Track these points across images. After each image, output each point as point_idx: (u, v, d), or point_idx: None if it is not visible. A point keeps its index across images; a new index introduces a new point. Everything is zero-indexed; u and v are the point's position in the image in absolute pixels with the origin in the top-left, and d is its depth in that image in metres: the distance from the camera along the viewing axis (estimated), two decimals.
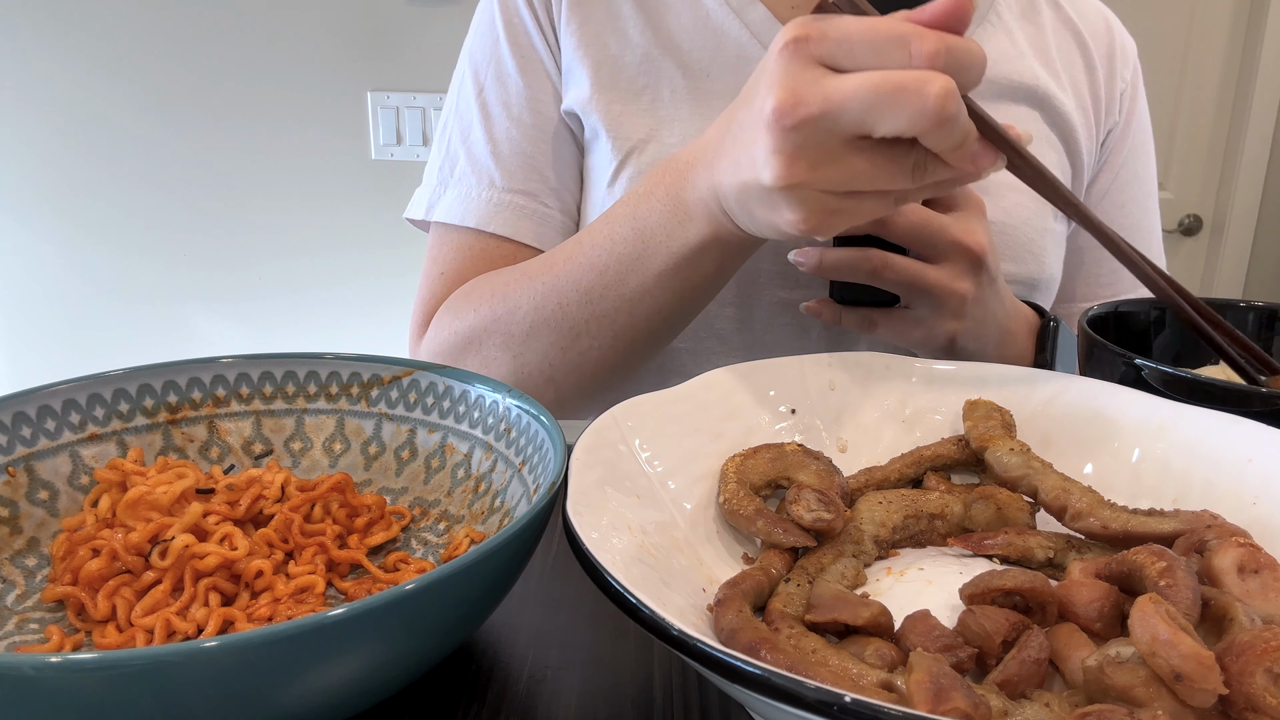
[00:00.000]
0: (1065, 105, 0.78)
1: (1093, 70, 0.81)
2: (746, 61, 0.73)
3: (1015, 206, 0.75)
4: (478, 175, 0.77)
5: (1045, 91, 0.77)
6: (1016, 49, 0.78)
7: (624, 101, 0.74)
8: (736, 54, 0.74)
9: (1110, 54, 0.83)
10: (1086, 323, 0.58)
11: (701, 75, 0.74)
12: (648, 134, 0.73)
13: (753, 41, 0.74)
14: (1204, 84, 2.09)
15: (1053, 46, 0.80)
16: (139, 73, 1.91)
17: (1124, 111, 0.83)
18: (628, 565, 0.33)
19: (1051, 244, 0.78)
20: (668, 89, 0.74)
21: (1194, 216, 2.21)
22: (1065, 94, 0.79)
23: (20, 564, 0.43)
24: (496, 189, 0.76)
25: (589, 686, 0.38)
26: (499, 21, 0.78)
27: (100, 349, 2.11)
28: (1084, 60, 0.81)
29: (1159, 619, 0.28)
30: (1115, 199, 0.85)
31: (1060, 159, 0.79)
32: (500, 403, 0.48)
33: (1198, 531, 0.37)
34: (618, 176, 0.74)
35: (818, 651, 0.32)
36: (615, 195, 0.73)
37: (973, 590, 0.35)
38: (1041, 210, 0.76)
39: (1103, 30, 0.83)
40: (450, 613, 0.33)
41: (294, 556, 0.44)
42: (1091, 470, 0.45)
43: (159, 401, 0.50)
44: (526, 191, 0.76)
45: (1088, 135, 0.80)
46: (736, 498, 0.41)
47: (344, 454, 0.52)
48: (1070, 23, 0.82)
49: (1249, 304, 0.63)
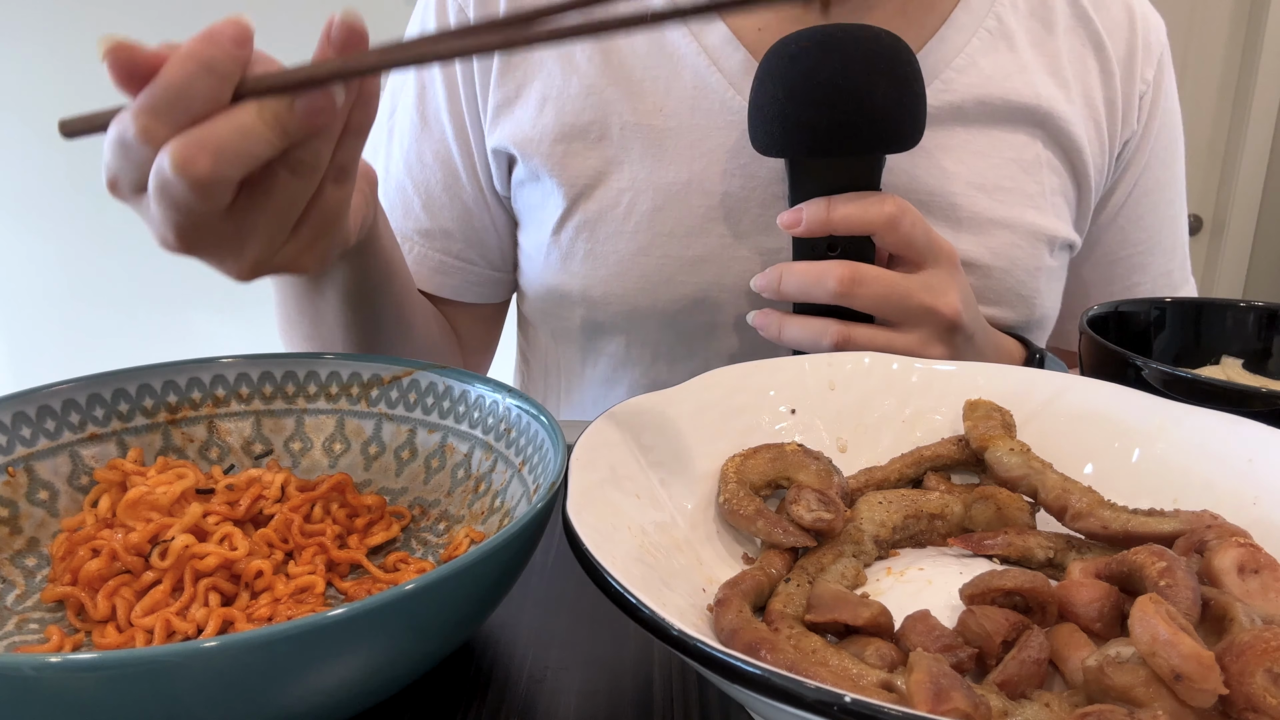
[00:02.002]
0: (1072, 123, 0.71)
1: (1109, 76, 0.73)
2: (704, 91, 0.67)
3: (1005, 246, 0.69)
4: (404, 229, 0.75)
5: (1048, 110, 0.70)
6: (1018, 61, 0.70)
7: (568, 139, 0.68)
8: (693, 82, 0.67)
9: (1130, 53, 0.74)
10: (1087, 323, 0.58)
11: (654, 110, 0.67)
12: (594, 176, 0.68)
13: (710, 68, 0.67)
14: (1204, 84, 2.09)
15: (1064, 51, 0.72)
16: None
17: (1143, 117, 0.75)
18: (628, 565, 0.33)
19: (1045, 283, 0.72)
20: (616, 124, 0.68)
21: (1194, 216, 2.21)
22: (1074, 107, 0.71)
23: (20, 564, 0.43)
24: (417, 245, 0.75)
25: (589, 686, 0.38)
26: (412, 80, 0.75)
27: (100, 349, 2.11)
28: (1099, 64, 0.73)
29: (1159, 619, 0.28)
30: (1132, 213, 0.78)
31: (1063, 182, 0.72)
32: (500, 403, 0.48)
33: (1198, 531, 0.37)
34: (564, 224, 0.69)
35: (818, 651, 0.32)
36: (562, 243, 0.69)
37: (973, 590, 0.35)
38: (1035, 248, 0.70)
39: (1124, 23, 0.74)
40: (450, 613, 0.33)
41: (294, 557, 0.44)
42: (1091, 470, 0.45)
43: (159, 401, 0.50)
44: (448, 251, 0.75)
45: (1099, 151, 0.73)
46: (736, 498, 0.41)
47: (344, 454, 0.52)
48: (1087, 20, 0.73)
49: (1249, 304, 0.63)
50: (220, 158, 0.38)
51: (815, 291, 0.57)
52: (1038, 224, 0.70)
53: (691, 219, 0.67)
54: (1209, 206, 2.21)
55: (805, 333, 0.58)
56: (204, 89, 0.38)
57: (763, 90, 0.57)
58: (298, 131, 0.39)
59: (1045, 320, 0.74)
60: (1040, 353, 0.67)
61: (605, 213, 0.68)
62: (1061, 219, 0.72)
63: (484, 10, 0.71)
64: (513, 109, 0.70)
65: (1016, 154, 0.70)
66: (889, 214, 0.56)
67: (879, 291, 0.56)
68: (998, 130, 0.69)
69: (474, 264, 0.76)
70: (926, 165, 0.67)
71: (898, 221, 0.56)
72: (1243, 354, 0.63)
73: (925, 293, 0.57)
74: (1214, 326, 0.63)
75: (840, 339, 0.57)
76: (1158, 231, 0.80)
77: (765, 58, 0.57)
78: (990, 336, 0.65)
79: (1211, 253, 2.24)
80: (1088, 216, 0.75)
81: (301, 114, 0.39)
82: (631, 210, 0.68)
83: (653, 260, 0.68)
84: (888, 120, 0.56)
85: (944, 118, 0.68)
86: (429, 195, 0.74)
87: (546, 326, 0.77)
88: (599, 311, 0.70)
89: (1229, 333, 0.63)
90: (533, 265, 0.73)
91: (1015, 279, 0.70)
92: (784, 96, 0.56)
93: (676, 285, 0.68)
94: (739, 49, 0.67)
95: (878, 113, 0.55)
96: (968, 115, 0.69)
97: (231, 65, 0.38)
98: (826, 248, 0.58)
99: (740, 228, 0.67)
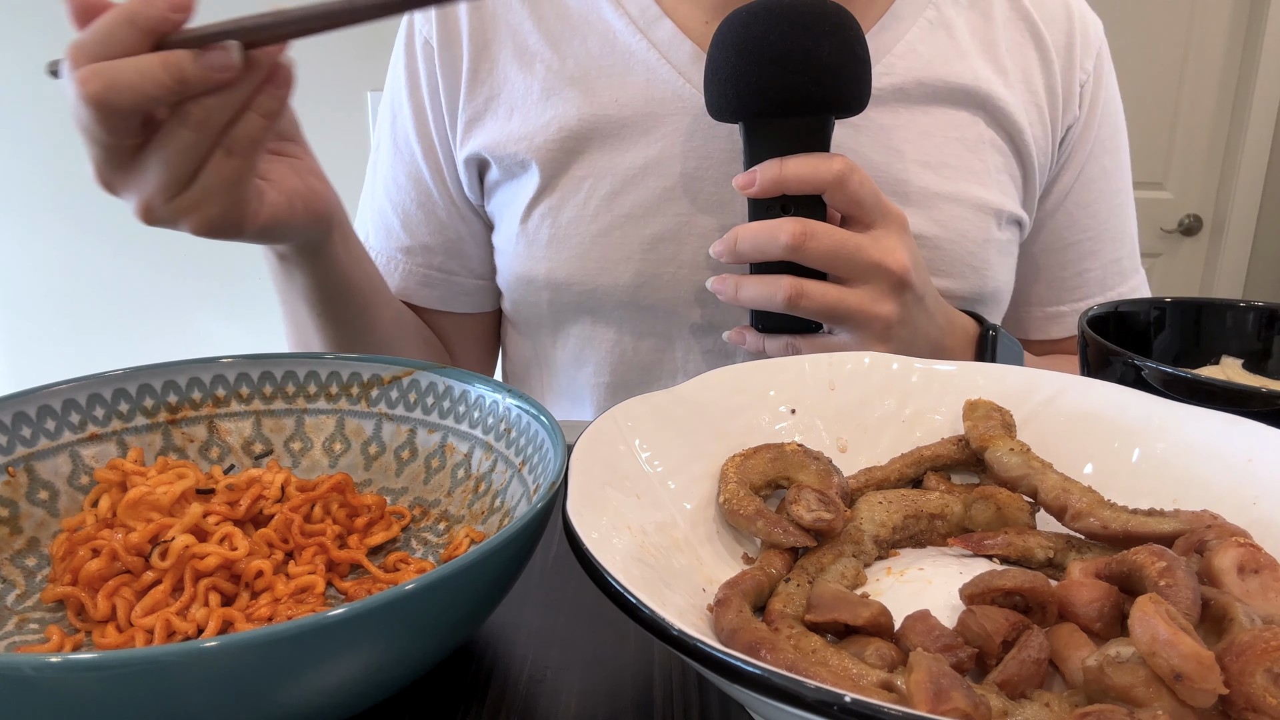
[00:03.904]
0: (1011, 106, 0.74)
1: (1048, 64, 0.76)
2: (656, 83, 0.71)
3: (951, 219, 0.71)
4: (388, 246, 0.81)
5: (987, 92, 0.73)
6: (956, 47, 0.73)
7: (532, 136, 0.72)
8: (645, 76, 0.71)
9: (1069, 44, 0.77)
10: (1087, 323, 0.58)
11: (610, 102, 0.71)
12: (557, 167, 0.72)
13: (661, 61, 0.71)
14: (1204, 84, 2.09)
15: (1002, 41, 0.75)
16: None
17: (1085, 105, 0.78)
18: (628, 565, 0.33)
19: (995, 254, 0.74)
20: (575, 117, 0.72)
21: (1194, 216, 2.21)
22: (1013, 92, 0.74)
23: (20, 564, 0.43)
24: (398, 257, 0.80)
25: (589, 686, 0.38)
26: (386, 109, 0.80)
27: (100, 349, 2.11)
28: (1039, 53, 0.76)
29: (1159, 619, 0.28)
30: (1080, 198, 0.80)
31: (1007, 162, 0.75)
32: (500, 403, 0.48)
33: (1198, 531, 0.37)
34: (530, 214, 0.73)
35: (818, 651, 0.32)
36: (529, 231, 0.73)
37: (973, 590, 0.35)
38: (983, 221, 0.73)
39: (1061, 17, 0.77)
40: (450, 613, 0.33)
41: (294, 556, 0.44)
42: (1091, 470, 0.45)
43: (159, 401, 0.50)
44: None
45: (1042, 134, 0.76)
46: (736, 498, 0.41)
47: (344, 454, 0.52)
48: (1024, 13, 0.76)
49: (1249, 304, 0.63)
50: (111, 86, 0.44)
51: (769, 248, 0.59)
52: (984, 198, 0.73)
53: (649, 200, 0.71)
54: (1209, 206, 2.21)
55: (760, 290, 0.60)
56: (123, 36, 0.44)
57: (717, 54, 0.61)
58: (195, 82, 0.45)
59: (999, 294, 0.77)
60: (994, 328, 0.69)
61: (567, 199, 0.72)
62: (1007, 195, 0.75)
63: (445, 34, 0.75)
64: (483, 121, 0.75)
65: (960, 133, 0.73)
66: (837, 171, 0.59)
67: (829, 246, 0.59)
68: (940, 110, 0.73)
69: (456, 274, 0.81)
70: (872, 144, 0.71)
71: (846, 179, 0.59)
72: (1243, 354, 0.62)
73: (874, 248, 0.60)
74: (1214, 326, 0.63)
75: (793, 292, 0.59)
76: (1107, 219, 0.82)
77: (719, 26, 0.61)
78: (942, 304, 0.67)
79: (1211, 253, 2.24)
80: (1035, 198, 0.78)
81: (202, 65, 0.44)
82: (591, 195, 0.72)
83: (613, 240, 0.72)
84: (836, 79, 0.59)
85: (888, 99, 0.71)
86: (406, 214, 0.79)
87: (520, 315, 0.80)
88: (564, 293, 0.74)
89: (1229, 333, 0.63)
90: (504, 258, 0.77)
91: (965, 250, 0.72)
92: (736, 57, 0.59)
93: (636, 263, 0.71)
94: (685, 41, 0.72)
95: (825, 72, 0.59)
96: (910, 96, 0.72)
97: (155, 23, 0.44)
98: (780, 209, 0.61)
99: (696, 205, 0.71)
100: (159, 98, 0.45)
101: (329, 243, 0.63)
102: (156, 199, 0.49)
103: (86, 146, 0.48)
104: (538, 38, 0.74)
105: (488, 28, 0.75)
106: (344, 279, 0.66)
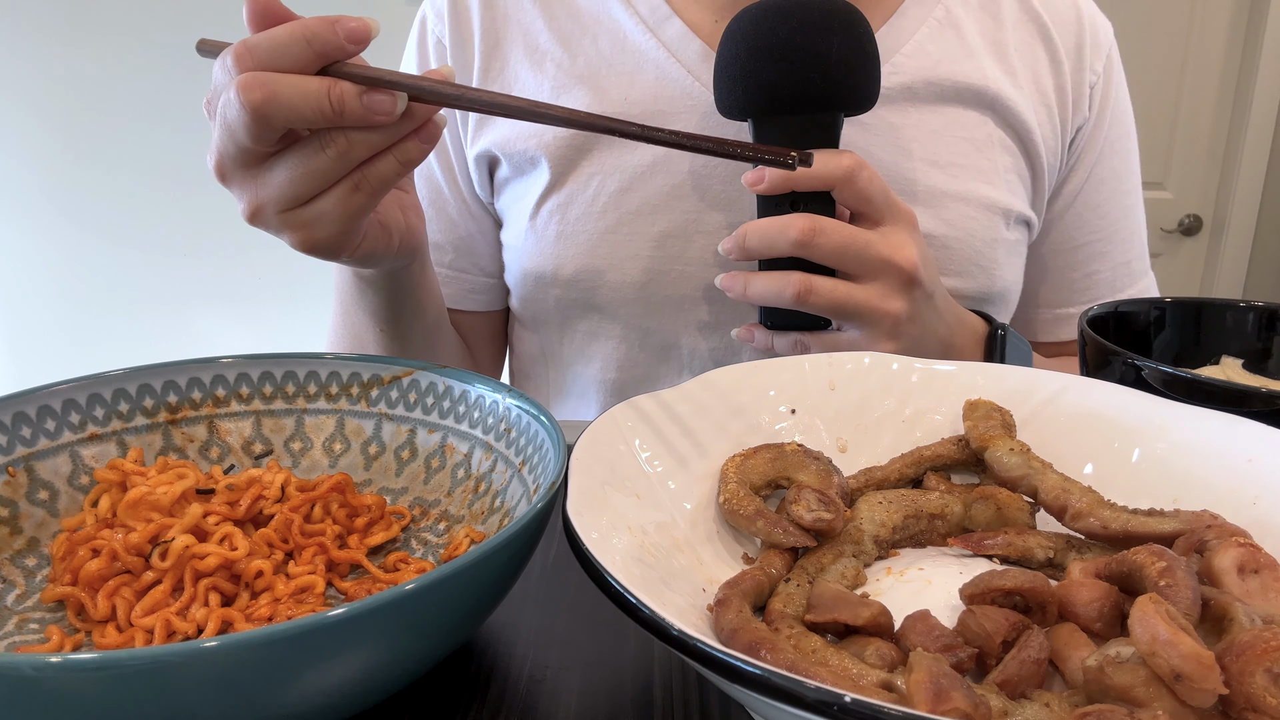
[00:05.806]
0: (1020, 106, 0.74)
1: (1058, 65, 0.76)
2: (665, 81, 0.71)
3: (960, 218, 0.72)
4: None
5: (996, 92, 0.73)
6: (966, 47, 0.73)
7: (542, 133, 0.73)
8: (655, 74, 0.72)
9: (1079, 45, 0.77)
10: (1087, 323, 0.58)
11: (620, 100, 0.72)
12: (567, 164, 0.72)
13: (670, 60, 0.72)
14: (1204, 84, 2.09)
15: (1011, 42, 0.75)
16: (139, 73, 1.91)
17: (1095, 106, 0.78)
18: (628, 565, 0.33)
19: (1004, 254, 0.74)
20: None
21: (1194, 216, 2.21)
22: (1022, 93, 0.74)
23: (20, 564, 0.43)
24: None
25: (589, 686, 0.38)
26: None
27: (100, 349, 2.11)
28: (1048, 55, 0.76)
29: (1159, 619, 0.28)
30: (1089, 199, 0.80)
31: (1016, 162, 0.75)
32: (500, 403, 0.48)
33: (1198, 531, 0.37)
34: (539, 210, 0.73)
35: (818, 651, 0.32)
36: (537, 227, 0.73)
37: (973, 590, 0.35)
38: (991, 220, 0.73)
39: (1071, 19, 0.77)
40: (450, 613, 0.33)
41: (294, 557, 0.44)
42: (1091, 470, 0.45)
43: (159, 401, 0.50)
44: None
45: (1051, 135, 0.76)
46: (736, 498, 0.41)
47: (344, 454, 0.52)
48: (1034, 14, 0.76)
49: (1249, 304, 0.63)
50: (273, 99, 0.45)
51: (778, 243, 0.59)
52: (992, 197, 0.73)
53: (657, 197, 0.71)
54: (1209, 206, 2.21)
55: (769, 286, 0.60)
56: (296, 52, 0.46)
57: (727, 51, 0.61)
58: (354, 117, 0.46)
59: (1007, 294, 0.77)
60: (1002, 327, 0.68)
61: (575, 195, 0.72)
62: (1016, 195, 0.75)
63: (458, 34, 0.75)
64: (494, 119, 0.75)
65: (968, 133, 0.73)
66: (847, 167, 0.58)
67: (838, 242, 0.58)
68: (949, 109, 0.73)
69: (467, 272, 0.81)
70: (881, 143, 0.71)
71: (855, 175, 0.58)
72: (1243, 354, 0.62)
73: (884, 244, 0.59)
74: (1214, 326, 0.63)
75: (802, 288, 0.59)
76: (1117, 220, 0.82)
77: (729, 24, 0.61)
78: (951, 303, 0.67)
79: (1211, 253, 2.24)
80: (1044, 198, 0.78)
81: (365, 105, 0.46)
82: (600, 192, 0.72)
83: (621, 237, 0.72)
84: (845, 77, 0.59)
85: (896, 98, 0.71)
86: None
87: (527, 312, 0.80)
88: (572, 290, 0.74)
89: (1229, 333, 0.63)
90: (513, 254, 0.77)
91: (973, 249, 0.72)
92: (745, 55, 0.59)
93: (644, 259, 0.72)
94: (695, 40, 0.72)
95: (834, 69, 0.59)
96: (919, 95, 0.72)
97: (331, 49, 0.46)
98: (790, 205, 0.61)
99: (705, 201, 0.71)
100: (313, 122, 0.46)
101: (409, 272, 0.64)
102: (271, 207, 0.50)
103: (218, 136, 0.48)
104: (549, 37, 0.74)
105: (499, 27, 0.75)
106: (417, 305, 0.68)
